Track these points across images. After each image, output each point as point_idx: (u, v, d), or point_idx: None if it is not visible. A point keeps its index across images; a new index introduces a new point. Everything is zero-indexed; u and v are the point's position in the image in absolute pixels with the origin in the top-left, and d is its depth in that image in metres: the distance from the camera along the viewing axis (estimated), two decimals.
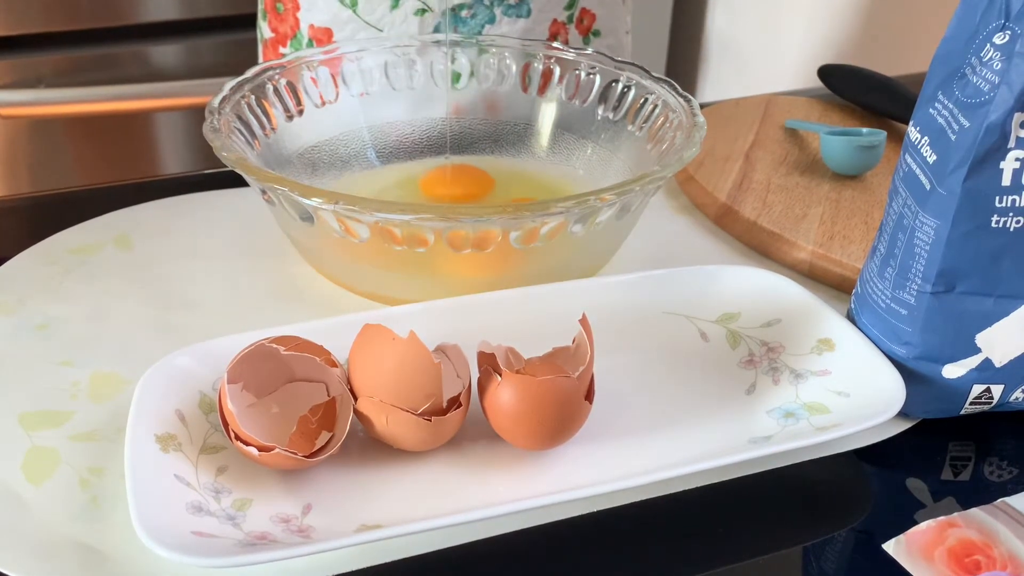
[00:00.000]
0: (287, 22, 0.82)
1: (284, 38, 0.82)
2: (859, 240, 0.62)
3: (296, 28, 0.81)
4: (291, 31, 0.81)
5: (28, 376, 0.51)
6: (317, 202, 0.50)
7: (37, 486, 0.44)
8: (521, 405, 0.44)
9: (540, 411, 0.44)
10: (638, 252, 0.61)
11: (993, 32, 0.44)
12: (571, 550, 0.44)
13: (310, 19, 0.80)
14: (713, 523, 0.45)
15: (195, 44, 1.36)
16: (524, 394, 0.43)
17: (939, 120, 0.46)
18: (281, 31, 0.82)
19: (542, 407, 0.44)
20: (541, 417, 0.44)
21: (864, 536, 0.45)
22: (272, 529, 0.41)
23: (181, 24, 1.34)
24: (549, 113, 0.67)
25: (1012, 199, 0.45)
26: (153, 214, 0.65)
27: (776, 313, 0.53)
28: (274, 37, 0.84)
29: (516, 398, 0.44)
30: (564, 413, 0.44)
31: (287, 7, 0.81)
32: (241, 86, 0.60)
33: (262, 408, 0.46)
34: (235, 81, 0.60)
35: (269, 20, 0.84)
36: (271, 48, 0.85)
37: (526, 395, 0.43)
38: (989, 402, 0.49)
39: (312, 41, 0.81)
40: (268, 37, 0.85)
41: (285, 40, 0.82)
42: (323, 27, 0.80)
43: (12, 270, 0.59)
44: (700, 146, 0.56)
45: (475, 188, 0.64)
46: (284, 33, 0.82)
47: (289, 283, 0.59)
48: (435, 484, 0.44)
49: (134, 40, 1.30)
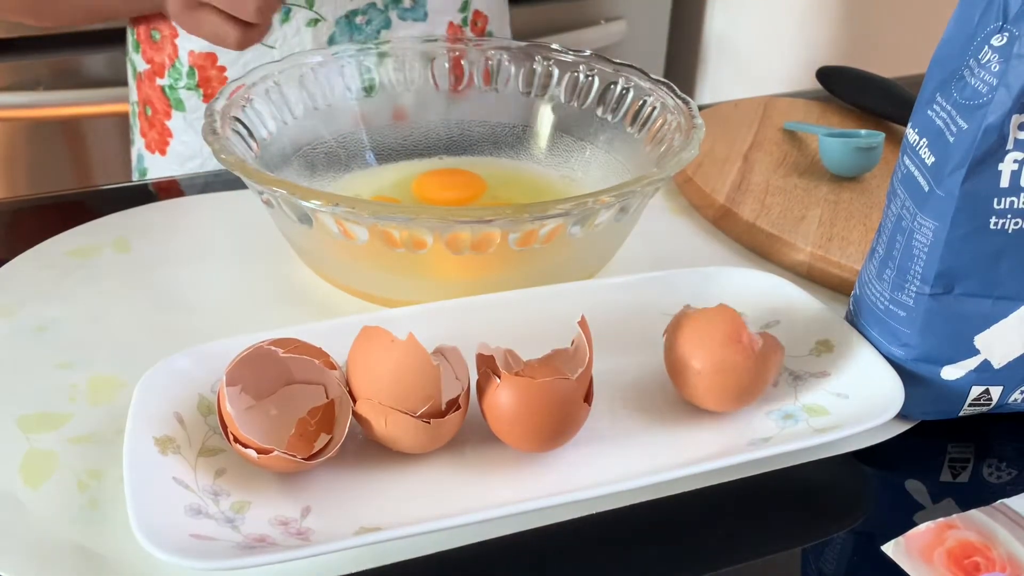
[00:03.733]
0: (164, 51, 0.79)
1: (161, 68, 0.80)
2: (858, 242, 0.62)
3: (175, 57, 0.79)
4: (169, 60, 0.79)
5: (26, 378, 0.51)
6: (316, 204, 0.50)
7: (35, 489, 0.44)
8: (520, 407, 0.44)
9: (539, 413, 0.44)
10: (637, 254, 0.61)
11: (991, 34, 0.44)
12: (570, 552, 0.44)
13: (189, 46, 0.78)
14: (712, 525, 0.45)
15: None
16: (523, 396, 0.43)
17: (937, 122, 0.46)
18: (158, 60, 0.80)
19: (541, 409, 0.44)
20: (540, 419, 0.44)
21: (863, 538, 0.45)
22: (271, 531, 0.41)
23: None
24: (547, 115, 0.67)
25: (1010, 201, 0.45)
26: (151, 217, 0.65)
27: (775, 315, 0.53)
28: (149, 69, 0.81)
29: (515, 400, 0.44)
30: (563, 415, 0.44)
31: (164, 35, 0.78)
32: (239, 88, 0.60)
33: (261, 410, 0.46)
34: (234, 84, 0.60)
35: (143, 51, 0.81)
36: (146, 81, 0.81)
37: (525, 397, 0.43)
38: (988, 403, 0.49)
39: (193, 69, 0.78)
40: (143, 70, 0.81)
41: (162, 71, 0.80)
42: (204, 52, 0.78)
43: (11, 272, 0.59)
44: (699, 148, 0.56)
45: (466, 191, 0.64)
46: (160, 63, 0.80)
47: (288, 285, 0.59)
48: (434, 486, 0.44)
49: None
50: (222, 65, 0.78)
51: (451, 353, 0.46)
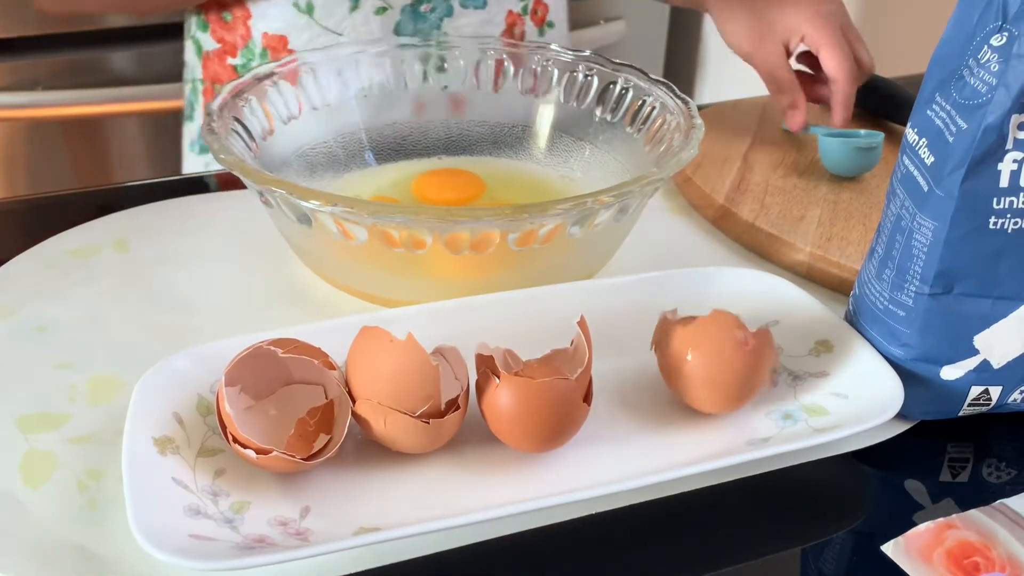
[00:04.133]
0: (236, 31, 0.80)
1: (233, 48, 0.81)
2: (857, 242, 0.62)
3: (248, 37, 0.80)
4: (242, 40, 0.80)
5: (26, 378, 0.51)
6: (315, 204, 0.50)
7: (34, 489, 0.44)
8: (519, 407, 0.44)
9: (538, 413, 0.44)
10: (636, 254, 0.61)
11: (990, 34, 0.44)
12: (570, 552, 0.44)
13: (263, 27, 0.79)
14: (712, 525, 0.45)
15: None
16: (522, 396, 0.43)
17: (937, 122, 0.46)
18: (229, 40, 0.81)
19: (540, 409, 0.44)
20: (539, 419, 0.44)
21: (863, 538, 0.45)
22: (270, 532, 0.41)
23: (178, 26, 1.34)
24: (547, 115, 0.67)
25: (1010, 200, 0.45)
26: (151, 217, 0.65)
27: (774, 315, 0.53)
28: (220, 48, 0.82)
29: (514, 400, 0.44)
30: (562, 415, 0.44)
31: (236, 16, 0.80)
32: (239, 89, 0.60)
33: (260, 411, 0.46)
34: (233, 84, 0.60)
35: (212, 30, 0.82)
36: (216, 60, 0.82)
37: (524, 397, 0.43)
38: (987, 403, 0.49)
39: (266, 50, 0.79)
40: (211, 49, 0.82)
41: (234, 50, 0.81)
42: (277, 35, 0.78)
43: (10, 272, 0.59)
44: (698, 148, 0.56)
45: (465, 191, 0.64)
46: (232, 43, 0.81)
47: (287, 285, 0.59)
48: (433, 486, 0.44)
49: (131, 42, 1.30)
50: (292, 48, 0.79)
51: (450, 353, 0.46)
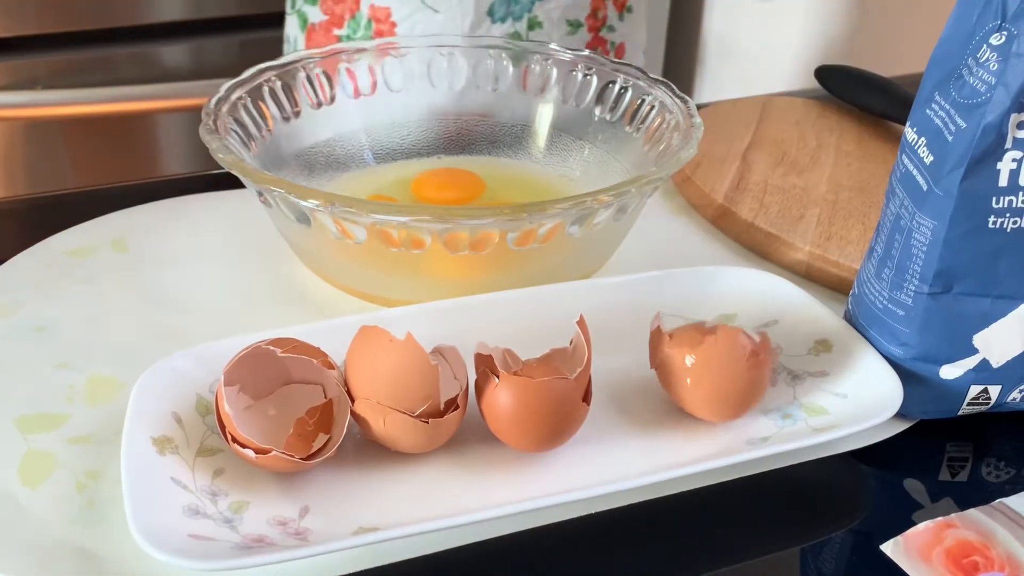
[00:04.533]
0: (345, 3, 0.84)
1: (340, 20, 0.84)
2: (856, 241, 0.62)
3: (356, 8, 0.83)
4: (350, 12, 0.84)
5: (24, 379, 0.51)
6: (313, 204, 0.50)
7: (33, 489, 0.44)
8: (519, 407, 0.44)
9: (537, 413, 0.44)
10: (635, 253, 0.61)
11: (990, 33, 0.44)
12: (569, 552, 0.44)
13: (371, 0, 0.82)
14: (711, 525, 0.45)
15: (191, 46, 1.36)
16: (521, 396, 0.43)
17: (936, 121, 0.46)
18: (337, 12, 0.84)
19: (539, 409, 0.44)
20: (538, 419, 0.44)
21: (862, 537, 0.45)
22: (269, 532, 0.41)
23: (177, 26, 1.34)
24: (546, 114, 0.67)
25: (1009, 200, 0.45)
26: (150, 216, 0.65)
27: (773, 314, 0.53)
28: (327, 20, 0.85)
29: (513, 400, 0.44)
30: (561, 415, 0.44)
31: None
32: (237, 87, 0.60)
33: (259, 410, 0.46)
34: (231, 82, 0.60)
35: (321, 3, 0.85)
36: (322, 31, 0.86)
37: (523, 397, 0.43)
38: (987, 403, 0.49)
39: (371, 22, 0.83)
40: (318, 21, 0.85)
41: (341, 22, 0.84)
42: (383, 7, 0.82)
43: (8, 272, 0.59)
44: (697, 147, 0.56)
45: (465, 191, 0.64)
46: (340, 15, 0.84)
47: (286, 285, 0.59)
48: (433, 486, 0.44)
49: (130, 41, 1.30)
50: (394, 21, 0.82)
51: (449, 353, 0.46)
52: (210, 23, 1.35)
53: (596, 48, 0.90)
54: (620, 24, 0.91)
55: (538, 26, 0.76)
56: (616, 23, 0.91)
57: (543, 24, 0.82)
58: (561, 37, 0.88)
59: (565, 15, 0.86)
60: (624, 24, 0.92)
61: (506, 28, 0.83)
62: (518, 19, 0.78)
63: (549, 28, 0.86)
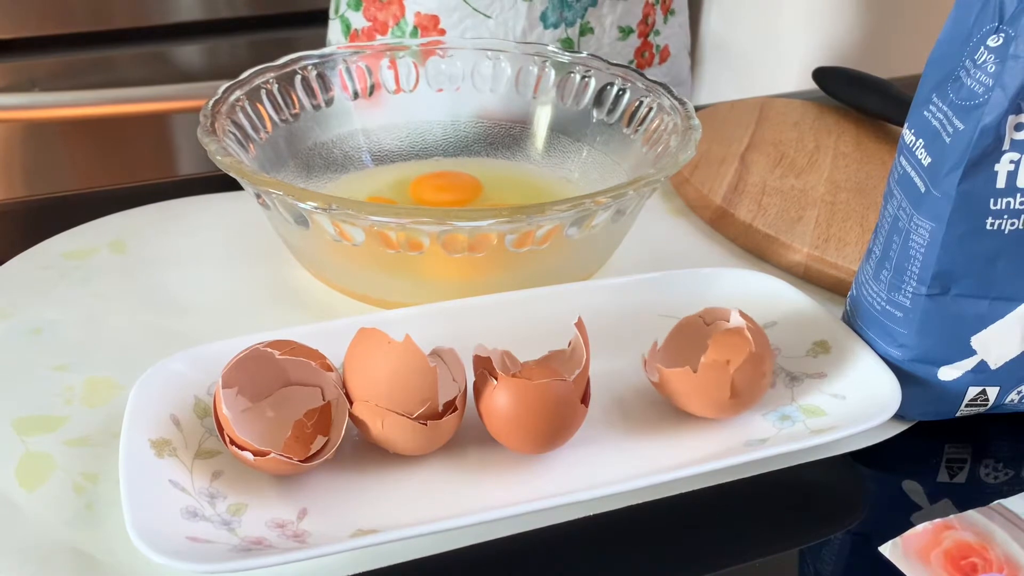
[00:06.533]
0: (389, 10, 0.83)
1: (384, 26, 0.84)
2: (854, 243, 0.62)
3: (401, 15, 0.82)
4: (394, 19, 0.83)
5: (22, 381, 0.51)
6: (312, 206, 0.50)
7: (31, 492, 0.44)
8: (517, 409, 0.44)
9: (536, 415, 0.44)
10: (634, 255, 0.61)
11: (987, 35, 0.44)
12: (567, 554, 0.44)
13: (416, 7, 0.81)
14: (709, 526, 0.45)
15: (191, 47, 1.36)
16: (520, 398, 0.43)
17: (934, 122, 0.46)
18: (381, 19, 0.84)
19: (538, 411, 0.44)
20: (537, 421, 0.44)
21: (860, 539, 0.45)
22: (267, 534, 0.41)
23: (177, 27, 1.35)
24: (544, 116, 0.67)
25: (1006, 201, 0.45)
26: (148, 218, 0.65)
27: (772, 316, 0.53)
28: (370, 26, 0.84)
29: (512, 402, 0.43)
30: (560, 416, 0.44)
31: None
32: (235, 89, 0.60)
33: (257, 413, 0.46)
34: (229, 84, 0.60)
35: (365, 8, 0.85)
36: (365, 38, 0.86)
37: (522, 399, 0.43)
38: (985, 404, 0.49)
39: (417, 29, 0.82)
40: (361, 27, 0.85)
41: (385, 28, 0.84)
42: (430, 14, 0.81)
43: (6, 274, 0.59)
44: (695, 149, 0.56)
45: (463, 193, 0.64)
46: (384, 21, 0.83)
47: (284, 287, 0.59)
48: (431, 488, 0.44)
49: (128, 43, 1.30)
50: (443, 28, 0.82)
51: (448, 355, 0.46)
52: (211, 23, 1.35)
53: (643, 52, 0.89)
54: (664, 27, 0.90)
55: (589, 32, 0.74)
56: (661, 27, 0.90)
57: (594, 30, 0.80)
58: (611, 43, 0.86)
59: (618, 21, 0.85)
60: (667, 27, 0.91)
61: (558, 34, 0.82)
62: (571, 25, 0.77)
63: (600, 34, 0.85)
